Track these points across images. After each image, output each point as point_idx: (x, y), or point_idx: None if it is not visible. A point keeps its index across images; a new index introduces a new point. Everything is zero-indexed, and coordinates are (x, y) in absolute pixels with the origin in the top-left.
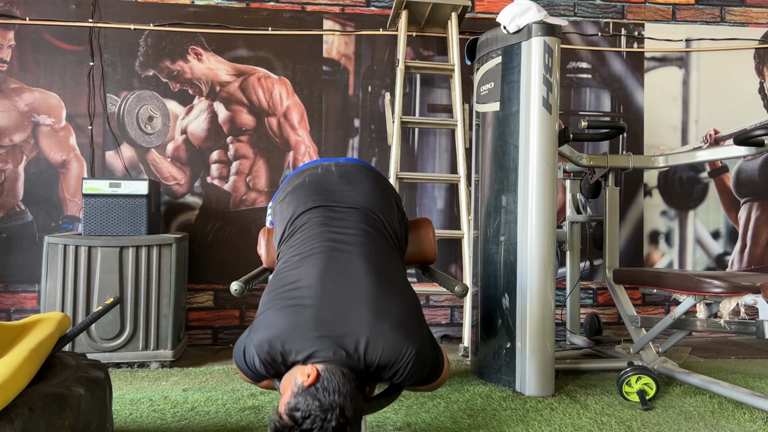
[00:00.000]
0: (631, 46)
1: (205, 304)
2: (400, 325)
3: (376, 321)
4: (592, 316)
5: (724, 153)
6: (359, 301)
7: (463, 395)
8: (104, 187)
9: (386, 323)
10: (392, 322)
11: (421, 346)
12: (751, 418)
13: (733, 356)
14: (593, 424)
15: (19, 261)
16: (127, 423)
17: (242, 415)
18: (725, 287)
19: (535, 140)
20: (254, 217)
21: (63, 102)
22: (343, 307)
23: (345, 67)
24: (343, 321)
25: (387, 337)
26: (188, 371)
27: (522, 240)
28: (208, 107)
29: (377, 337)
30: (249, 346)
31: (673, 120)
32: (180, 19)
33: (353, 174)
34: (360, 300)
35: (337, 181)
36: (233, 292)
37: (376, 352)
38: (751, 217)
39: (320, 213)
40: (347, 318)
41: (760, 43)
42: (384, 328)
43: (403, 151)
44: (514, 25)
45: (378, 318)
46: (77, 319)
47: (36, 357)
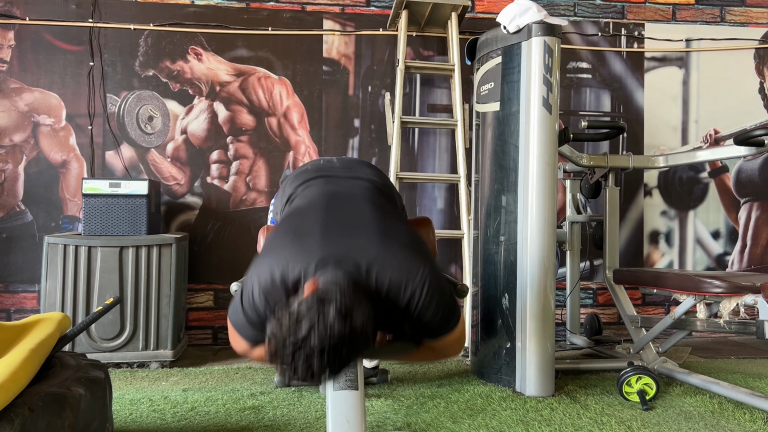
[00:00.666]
0: (631, 46)
1: (205, 304)
2: (409, 247)
3: (384, 242)
4: (592, 316)
5: (724, 153)
6: (365, 227)
7: (463, 395)
8: (104, 187)
9: (395, 244)
10: (401, 244)
11: (434, 269)
12: (751, 418)
13: (733, 356)
14: (593, 424)
15: (19, 261)
16: (127, 423)
17: (242, 415)
18: (725, 287)
19: (535, 140)
20: (254, 217)
21: (63, 102)
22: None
23: (345, 67)
24: (349, 243)
25: (397, 255)
26: (188, 371)
27: (522, 240)
28: (208, 107)
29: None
30: (249, 278)
31: (673, 120)
32: (180, 19)
33: (355, 165)
34: (366, 226)
35: (339, 168)
36: (233, 292)
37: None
38: (751, 217)
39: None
40: (354, 240)
41: (760, 43)
42: (393, 248)
43: (403, 151)
44: (514, 25)
45: (386, 240)
46: (77, 319)
47: (36, 357)
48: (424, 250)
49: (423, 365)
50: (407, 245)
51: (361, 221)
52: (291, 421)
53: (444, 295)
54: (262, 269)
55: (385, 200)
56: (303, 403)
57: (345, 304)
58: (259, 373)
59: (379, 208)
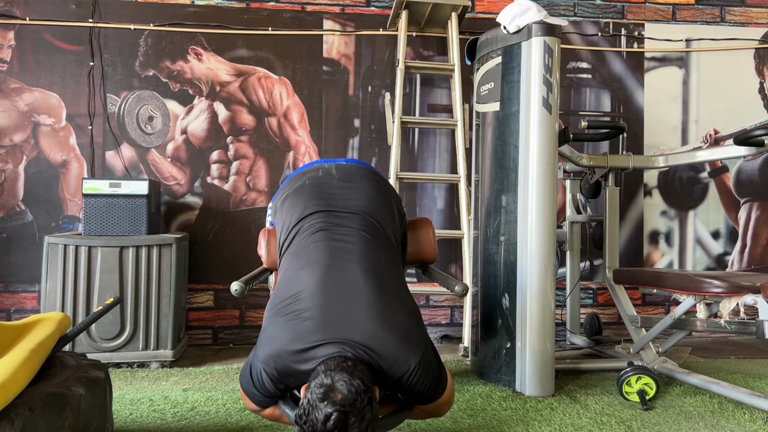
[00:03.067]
0: (631, 46)
1: (205, 304)
2: (402, 333)
3: (380, 331)
4: (592, 316)
5: (724, 153)
6: (361, 311)
7: (463, 395)
8: (104, 187)
9: (389, 332)
10: (397, 333)
11: (425, 355)
12: (751, 418)
13: (733, 356)
14: (593, 424)
15: (19, 261)
16: (127, 423)
17: (242, 415)
18: (725, 287)
19: (535, 140)
20: (254, 217)
21: (63, 102)
22: (345, 316)
23: (345, 67)
24: (345, 328)
25: (391, 345)
26: (188, 371)
27: (522, 240)
28: (208, 107)
29: (382, 345)
30: (255, 363)
31: (673, 120)
32: (180, 19)
33: (354, 177)
34: (362, 310)
35: (337, 185)
36: (233, 292)
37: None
38: (751, 217)
39: (320, 218)
40: (350, 326)
41: (760, 43)
42: (388, 336)
43: (403, 151)
44: (514, 25)
45: (381, 327)
46: (77, 319)
47: (36, 357)
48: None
49: None
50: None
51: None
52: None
53: (432, 373)
54: (268, 356)
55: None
56: None
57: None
58: None
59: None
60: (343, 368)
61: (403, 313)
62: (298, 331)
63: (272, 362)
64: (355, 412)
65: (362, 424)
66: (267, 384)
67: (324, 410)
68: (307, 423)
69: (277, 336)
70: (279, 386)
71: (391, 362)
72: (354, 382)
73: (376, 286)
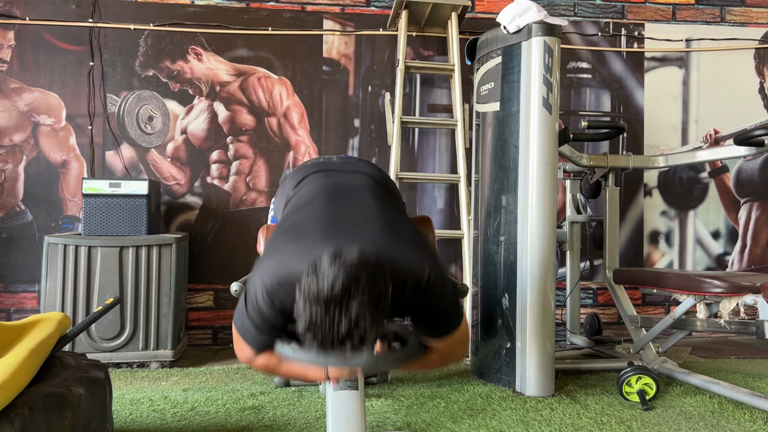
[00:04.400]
0: (631, 46)
1: (205, 304)
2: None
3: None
4: (592, 316)
5: (724, 153)
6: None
7: (463, 395)
8: (104, 187)
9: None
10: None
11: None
12: (751, 418)
13: (733, 356)
14: (593, 424)
15: (19, 261)
16: (127, 423)
17: (242, 415)
18: (725, 287)
19: (535, 140)
20: (254, 217)
21: (63, 102)
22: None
23: (345, 67)
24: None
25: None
26: (188, 371)
27: (522, 240)
28: (208, 107)
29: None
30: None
31: (673, 120)
32: (180, 19)
33: (354, 162)
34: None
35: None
36: (233, 292)
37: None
38: (751, 217)
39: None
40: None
41: (760, 43)
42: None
43: (403, 151)
44: (514, 25)
45: (392, 233)
46: (77, 319)
47: (36, 357)
48: (429, 246)
49: None
50: (412, 240)
51: (364, 214)
52: (291, 421)
53: (450, 287)
54: (264, 270)
55: (387, 194)
56: (303, 403)
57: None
58: (259, 373)
59: (381, 200)
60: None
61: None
62: (304, 239)
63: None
64: (365, 273)
65: (374, 290)
66: (262, 304)
67: (332, 271)
68: (311, 291)
69: (280, 248)
70: (274, 306)
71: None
72: (365, 250)
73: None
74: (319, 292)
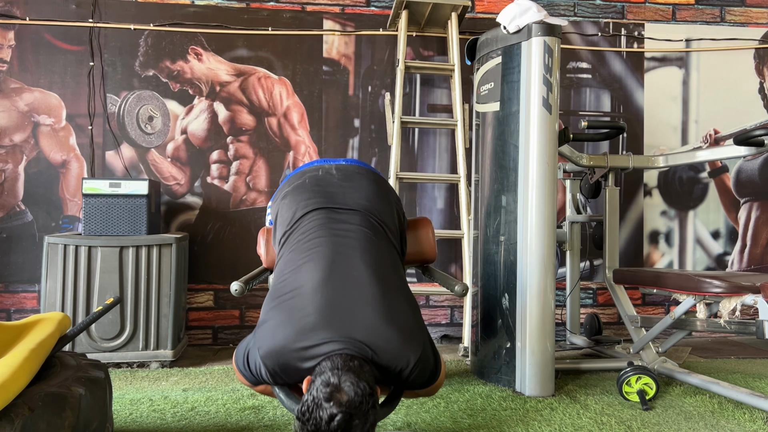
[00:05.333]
0: (631, 46)
1: (205, 304)
2: (404, 331)
3: (382, 327)
4: (592, 316)
5: (724, 153)
6: (365, 308)
7: (463, 395)
8: (104, 187)
9: (392, 330)
10: (397, 328)
11: (424, 352)
12: (751, 418)
13: (733, 356)
14: (593, 424)
15: (19, 261)
16: (127, 423)
17: (242, 415)
18: (725, 287)
19: (535, 140)
20: (254, 217)
21: (63, 102)
22: (348, 313)
23: (345, 67)
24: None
25: (394, 344)
26: (188, 371)
27: (522, 240)
28: (208, 107)
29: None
30: (254, 354)
31: (673, 120)
32: (180, 19)
33: (354, 176)
34: (365, 306)
35: (337, 183)
36: (233, 292)
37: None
38: (751, 217)
39: (321, 215)
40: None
41: (760, 43)
42: (390, 334)
43: (403, 151)
44: (514, 25)
45: (384, 324)
46: (77, 319)
47: (36, 357)
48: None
49: None
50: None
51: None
52: (291, 421)
53: (429, 368)
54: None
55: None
56: None
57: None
58: None
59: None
60: (349, 368)
61: (404, 310)
62: (301, 327)
63: (273, 358)
64: (359, 414)
65: (365, 426)
66: (265, 376)
67: (329, 410)
68: (310, 420)
69: (279, 331)
70: (277, 380)
71: (392, 359)
72: (360, 385)
73: (379, 281)
74: (317, 426)
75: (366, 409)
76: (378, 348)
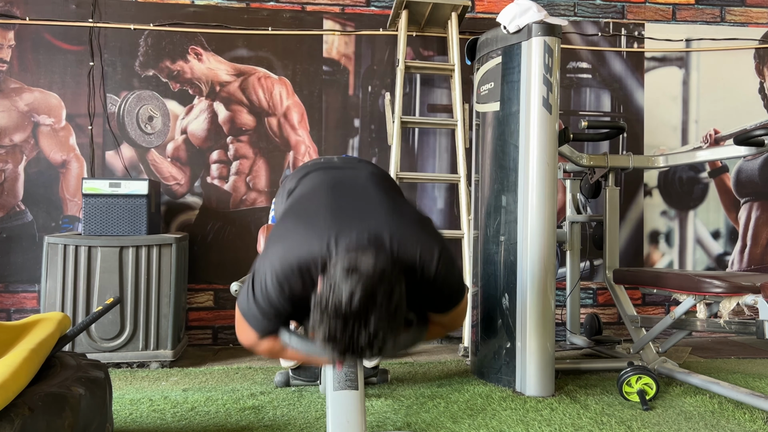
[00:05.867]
0: (631, 46)
1: (205, 304)
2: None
3: (397, 218)
4: (592, 316)
5: (724, 153)
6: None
7: (463, 395)
8: (104, 187)
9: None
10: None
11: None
12: (751, 418)
13: (733, 356)
14: (593, 424)
15: (19, 261)
16: (127, 423)
17: (242, 415)
18: (725, 287)
19: (535, 140)
20: (254, 217)
21: (63, 102)
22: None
23: (345, 67)
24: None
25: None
26: (188, 371)
27: (522, 240)
28: (208, 107)
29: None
30: (262, 265)
31: (673, 120)
32: (180, 19)
33: (355, 161)
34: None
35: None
36: (233, 292)
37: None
38: (751, 217)
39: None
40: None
41: (760, 43)
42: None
43: (403, 151)
44: (514, 25)
45: (399, 216)
46: (77, 319)
47: (36, 357)
48: (433, 226)
49: (422, 366)
50: (419, 222)
51: (369, 200)
52: (291, 421)
53: (457, 266)
54: (274, 256)
55: (389, 185)
56: (303, 403)
57: (388, 277)
58: (259, 373)
59: (384, 189)
60: (365, 248)
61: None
62: (312, 225)
63: (285, 265)
64: (382, 287)
65: (391, 303)
66: (271, 290)
67: (347, 287)
68: (329, 306)
69: (288, 236)
70: (283, 294)
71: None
72: (379, 257)
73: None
74: (337, 308)
75: (389, 281)
76: (396, 237)
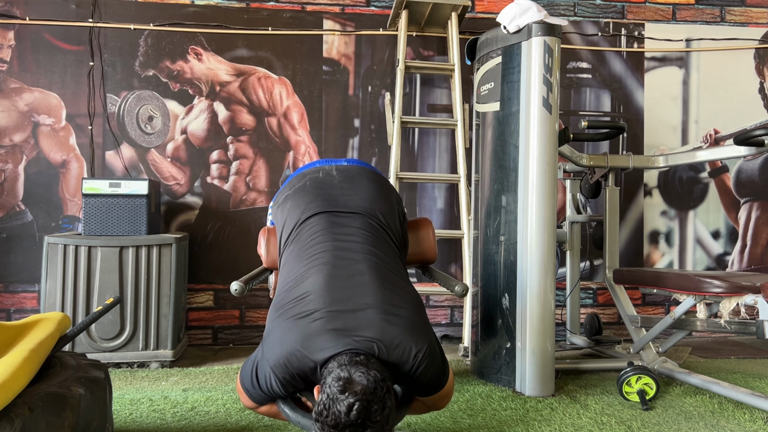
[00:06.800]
0: (631, 46)
1: (205, 304)
2: (408, 329)
3: (386, 325)
4: (592, 316)
5: (724, 153)
6: (368, 308)
7: (463, 395)
8: (104, 187)
9: (397, 327)
10: (402, 326)
11: (430, 346)
12: (751, 418)
13: (733, 356)
14: (593, 424)
15: (19, 261)
16: (127, 423)
17: (242, 415)
18: (725, 287)
19: (535, 140)
20: (254, 217)
21: (63, 102)
22: (352, 315)
23: (345, 67)
24: (354, 326)
25: (399, 339)
26: (188, 371)
27: (522, 240)
28: (208, 107)
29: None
30: (263, 366)
31: (673, 120)
32: (180, 19)
33: (355, 177)
34: (369, 307)
35: (338, 185)
36: (233, 292)
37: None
38: (751, 217)
39: (323, 219)
40: (358, 323)
41: (760, 43)
42: (395, 331)
43: (403, 151)
44: (514, 25)
45: (388, 323)
46: (77, 319)
47: (36, 357)
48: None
49: None
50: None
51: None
52: None
53: (437, 363)
54: (278, 359)
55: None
56: None
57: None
58: None
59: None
60: (357, 362)
61: (408, 308)
62: (307, 332)
63: (283, 366)
64: (376, 400)
65: (384, 412)
66: (275, 387)
67: (346, 401)
68: (329, 417)
69: (286, 338)
70: (288, 389)
71: (398, 352)
72: (371, 373)
73: (381, 283)
74: (337, 420)
75: (381, 395)
76: (383, 343)
